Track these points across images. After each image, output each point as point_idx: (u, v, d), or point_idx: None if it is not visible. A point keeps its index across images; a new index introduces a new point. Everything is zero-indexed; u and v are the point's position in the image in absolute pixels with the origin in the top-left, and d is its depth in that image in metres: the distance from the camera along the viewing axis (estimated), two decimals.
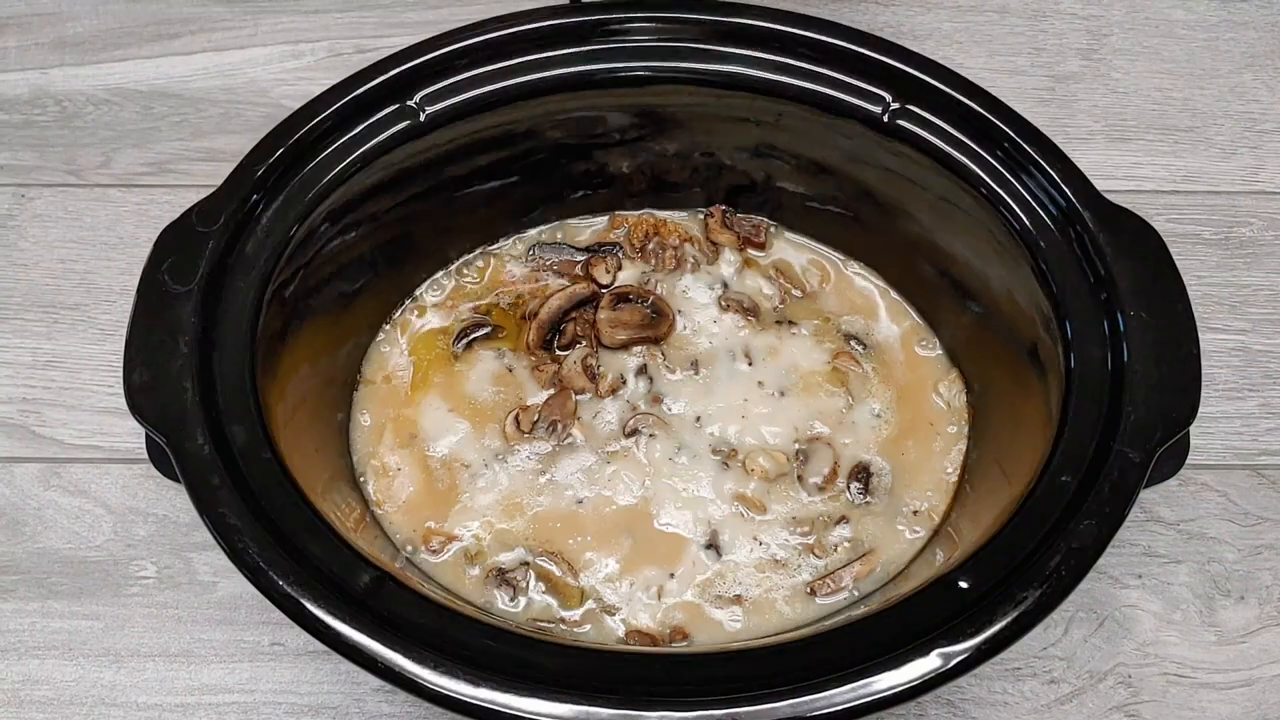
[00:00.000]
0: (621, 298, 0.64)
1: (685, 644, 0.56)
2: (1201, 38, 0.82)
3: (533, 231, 0.67)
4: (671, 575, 0.57)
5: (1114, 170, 0.76)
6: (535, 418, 0.61)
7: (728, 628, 0.56)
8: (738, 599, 0.57)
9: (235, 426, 0.49)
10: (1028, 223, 0.56)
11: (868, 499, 0.59)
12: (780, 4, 0.61)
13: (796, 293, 0.65)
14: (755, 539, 0.58)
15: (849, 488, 0.60)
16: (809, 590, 0.57)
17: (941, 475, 0.60)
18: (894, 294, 0.65)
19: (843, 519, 0.59)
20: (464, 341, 0.63)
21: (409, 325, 0.64)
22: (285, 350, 0.55)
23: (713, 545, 0.58)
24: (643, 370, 0.63)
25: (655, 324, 0.64)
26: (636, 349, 0.63)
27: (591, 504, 0.59)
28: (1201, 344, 0.51)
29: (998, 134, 0.56)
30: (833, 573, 0.57)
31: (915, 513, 0.59)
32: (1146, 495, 0.62)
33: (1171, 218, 0.74)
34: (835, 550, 0.58)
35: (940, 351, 0.64)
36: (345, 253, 0.59)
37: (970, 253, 0.59)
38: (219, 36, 0.81)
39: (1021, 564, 0.47)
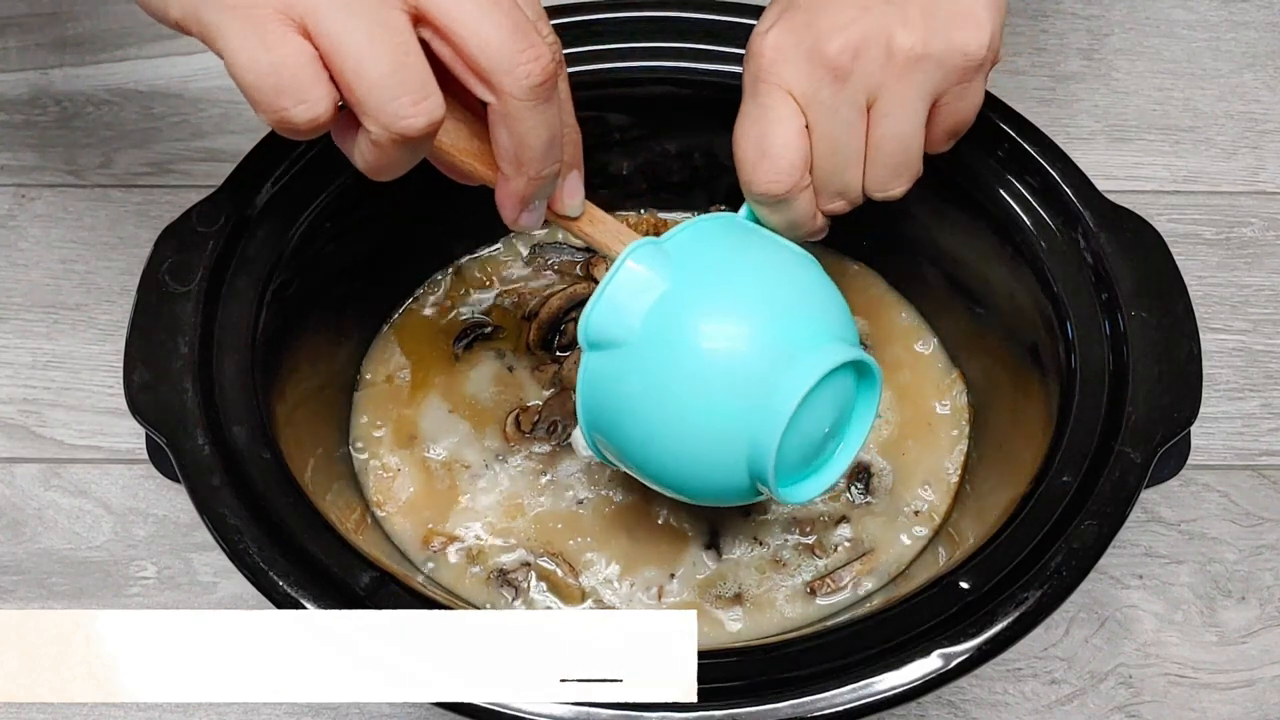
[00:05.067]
0: None
1: None
2: (1202, 38, 0.82)
3: (535, 231, 0.67)
4: (672, 575, 0.57)
5: (1114, 170, 0.76)
6: (536, 418, 0.61)
7: (728, 627, 0.56)
8: (738, 598, 0.57)
9: (235, 426, 0.49)
10: (1028, 223, 0.55)
11: (868, 499, 0.59)
12: None
13: None
14: (755, 539, 0.58)
15: (850, 488, 0.59)
16: (809, 590, 0.57)
17: (942, 475, 0.60)
18: (894, 294, 0.65)
19: (843, 519, 0.59)
20: (464, 342, 0.63)
21: (409, 325, 0.64)
22: (285, 350, 0.55)
23: (713, 545, 0.58)
24: None
25: None
26: None
27: (592, 504, 0.59)
28: (1202, 344, 0.51)
29: (998, 134, 0.56)
30: (833, 573, 0.57)
31: (916, 513, 0.59)
32: (1147, 495, 0.62)
33: (1172, 218, 0.74)
34: (835, 550, 0.58)
35: (941, 352, 0.64)
36: (345, 253, 0.59)
37: (970, 253, 0.59)
38: None
39: (1022, 564, 0.47)
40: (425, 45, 0.41)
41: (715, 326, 0.46)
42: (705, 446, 0.47)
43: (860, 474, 0.60)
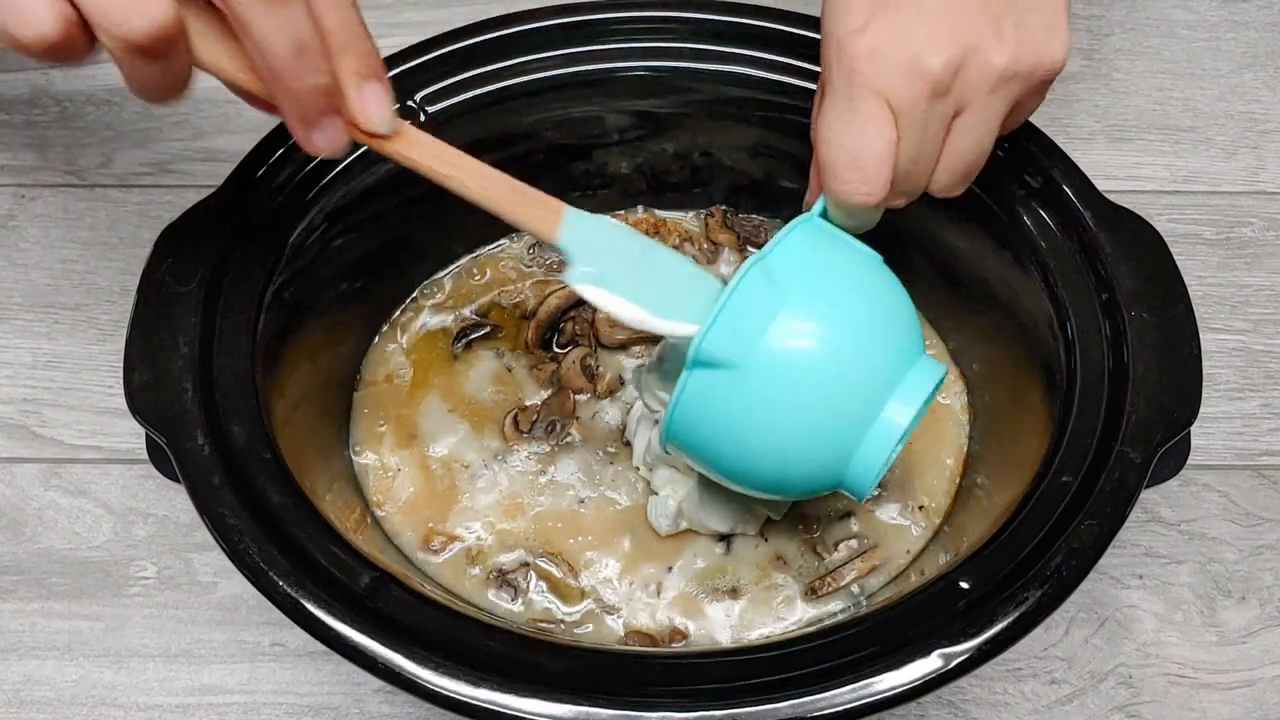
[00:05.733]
0: None
1: (685, 644, 0.56)
2: (1202, 38, 0.82)
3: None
4: (670, 568, 0.57)
5: (1114, 170, 0.76)
6: (534, 418, 0.61)
7: (721, 621, 0.56)
8: (734, 592, 0.57)
9: (235, 426, 0.49)
10: (1028, 223, 0.55)
11: (878, 490, 0.59)
12: (781, 4, 0.61)
13: None
14: (759, 535, 0.58)
15: None
16: (810, 589, 0.57)
17: (943, 475, 0.60)
18: None
19: (848, 515, 0.59)
20: (463, 341, 0.63)
21: (409, 325, 0.64)
22: (285, 350, 0.55)
23: (720, 540, 0.58)
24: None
25: None
26: (635, 348, 0.63)
27: (593, 504, 0.59)
28: (1202, 344, 0.51)
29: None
30: (834, 571, 0.57)
31: (920, 508, 0.59)
32: (1147, 495, 0.62)
33: (1172, 218, 0.74)
34: (837, 549, 0.58)
35: (942, 351, 0.64)
36: (345, 253, 0.59)
37: (971, 253, 0.59)
38: None
39: (1023, 564, 0.47)
40: None
41: (829, 350, 0.47)
42: (804, 461, 0.48)
43: None
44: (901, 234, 0.62)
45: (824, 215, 0.52)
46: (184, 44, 0.41)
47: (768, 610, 0.57)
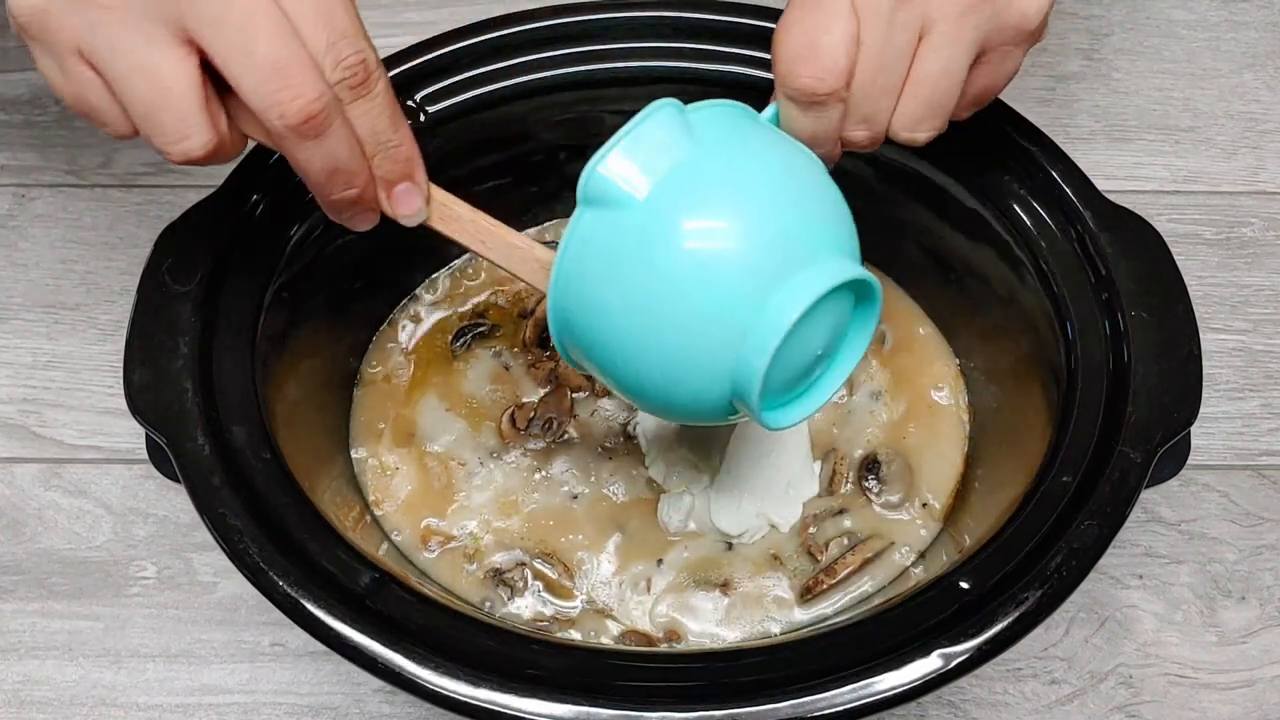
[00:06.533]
0: None
1: (681, 644, 0.56)
2: (1202, 38, 0.82)
3: (531, 231, 0.67)
4: (659, 561, 0.57)
5: (1114, 170, 0.76)
6: (531, 415, 0.61)
7: (706, 613, 0.56)
8: (725, 586, 0.57)
9: (235, 426, 0.49)
10: (1028, 223, 0.55)
11: (879, 485, 0.59)
12: (781, 4, 0.61)
13: None
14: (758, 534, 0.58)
15: (859, 482, 0.59)
16: (806, 587, 0.57)
17: (945, 474, 0.60)
18: (897, 291, 0.65)
19: (842, 510, 0.59)
20: (462, 340, 0.63)
21: (407, 325, 0.64)
22: (285, 350, 0.55)
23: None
24: None
25: None
26: None
27: (587, 500, 0.59)
28: (1202, 344, 0.51)
29: (998, 134, 0.56)
30: (829, 568, 0.57)
31: (924, 505, 0.59)
32: (1147, 495, 0.62)
33: (1172, 218, 0.74)
34: (828, 548, 0.58)
35: (941, 351, 0.64)
36: (344, 253, 0.59)
37: (971, 253, 0.59)
38: None
39: (1022, 564, 0.47)
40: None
41: (728, 211, 0.42)
42: (689, 348, 0.43)
43: (872, 465, 0.60)
44: (902, 233, 0.62)
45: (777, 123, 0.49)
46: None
47: (759, 607, 0.56)
